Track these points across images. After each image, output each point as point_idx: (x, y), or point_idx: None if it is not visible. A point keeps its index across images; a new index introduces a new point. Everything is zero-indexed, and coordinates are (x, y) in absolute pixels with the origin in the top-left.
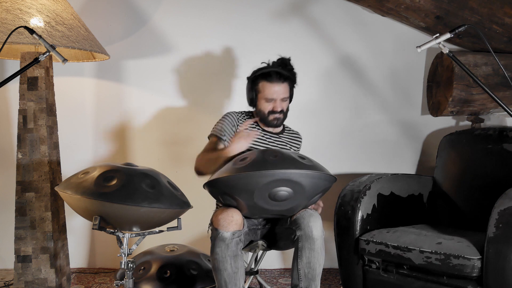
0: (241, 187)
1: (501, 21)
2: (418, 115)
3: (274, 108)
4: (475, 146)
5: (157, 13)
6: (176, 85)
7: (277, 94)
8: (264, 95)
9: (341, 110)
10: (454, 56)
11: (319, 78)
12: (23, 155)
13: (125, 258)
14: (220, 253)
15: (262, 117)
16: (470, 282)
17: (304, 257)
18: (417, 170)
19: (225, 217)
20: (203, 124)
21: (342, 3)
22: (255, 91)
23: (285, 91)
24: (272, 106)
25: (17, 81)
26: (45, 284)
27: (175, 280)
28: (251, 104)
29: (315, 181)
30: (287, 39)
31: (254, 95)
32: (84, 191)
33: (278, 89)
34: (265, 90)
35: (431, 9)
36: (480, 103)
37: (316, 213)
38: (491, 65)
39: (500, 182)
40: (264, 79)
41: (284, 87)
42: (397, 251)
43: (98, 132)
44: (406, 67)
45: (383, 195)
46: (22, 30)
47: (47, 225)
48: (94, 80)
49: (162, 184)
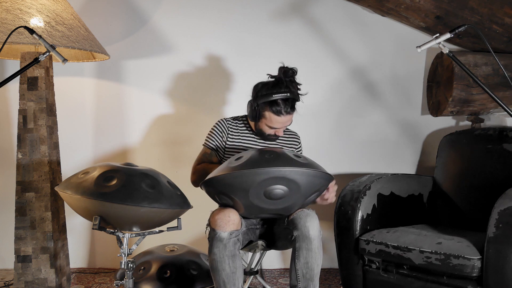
0: (236, 185)
1: (501, 21)
2: (418, 115)
3: (276, 133)
4: (475, 146)
5: (157, 13)
6: (176, 85)
7: (283, 124)
8: (268, 123)
9: (341, 110)
10: (454, 56)
11: (319, 79)
12: (23, 155)
13: (125, 258)
14: (218, 253)
15: (260, 133)
16: (470, 282)
17: (302, 257)
18: (417, 170)
19: (222, 217)
20: (203, 124)
21: (342, 3)
22: (259, 115)
23: (290, 119)
24: (274, 132)
25: (17, 81)
26: (45, 284)
27: (175, 280)
28: (252, 120)
29: (310, 179)
30: (287, 40)
31: (257, 116)
32: (84, 191)
33: (285, 119)
34: (272, 120)
35: (431, 9)
36: (480, 103)
37: (313, 213)
38: (491, 65)
39: (500, 182)
40: (270, 110)
41: (290, 116)
42: (397, 251)
43: (98, 132)
44: (406, 67)
45: (383, 195)
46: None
47: (47, 225)
48: (94, 80)
49: (162, 184)
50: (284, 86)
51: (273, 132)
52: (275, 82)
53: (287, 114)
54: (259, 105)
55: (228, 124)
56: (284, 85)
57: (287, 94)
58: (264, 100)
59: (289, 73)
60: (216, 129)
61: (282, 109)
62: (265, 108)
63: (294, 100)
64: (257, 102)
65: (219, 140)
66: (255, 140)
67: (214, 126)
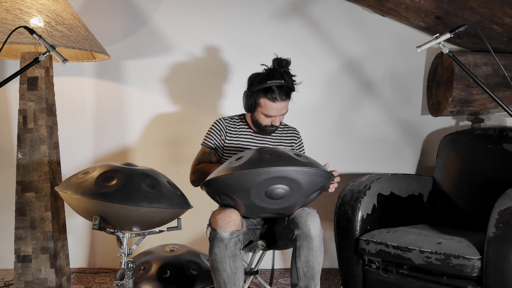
0: (238, 186)
1: (501, 21)
2: (418, 115)
3: (272, 123)
4: (475, 146)
5: (157, 13)
6: (176, 85)
7: (278, 111)
8: (264, 111)
9: (341, 110)
10: (454, 56)
11: (319, 78)
12: (23, 155)
13: (125, 258)
14: (218, 253)
15: (257, 126)
16: (470, 282)
17: (303, 256)
18: (417, 170)
19: (223, 217)
20: (203, 124)
21: (342, 3)
22: (255, 104)
23: (285, 106)
24: (270, 121)
25: (17, 81)
26: (45, 284)
27: (175, 280)
28: (248, 111)
29: (311, 178)
30: (287, 39)
31: (252, 106)
32: (84, 191)
33: (280, 106)
34: (267, 107)
35: (431, 9)
36: (480, 103)
37: (314, 212)
38: (491, 65)
39: (500, 182)
40: (265, 97)
41: (286, 103)
42: (397, 251)
43: (98, 132)
44: (406, 67)
45: (383, 195)
46: (22, 30)
47: (47, 225)
48: (94, 80)
49: (162, 184)
50: (278, 74)
51: (269, 122)
52: (269, 71)
53: (282, 101)
54: (254, 93)
55: (226, 122)
56: (278, 73)
57: (281, 81)
58: (259, 87)
59: (283, 63)
60: (214, 128)
61: (277, 95)
62: (260, 95)
63: (289, 88)
64: (252, 90)
65: (218, 139)
66: (253, 138)
67: (212, 125)
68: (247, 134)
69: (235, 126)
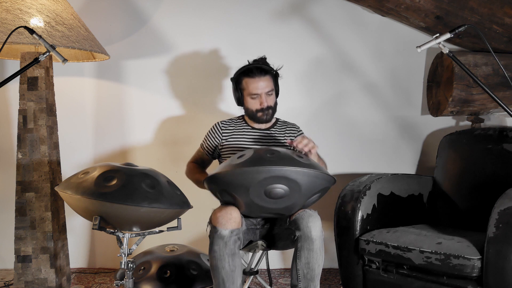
0: (237, 183)
1: (501, 21)
2: (418, 115)
3: (261, 104)
4: (475, 146)
5: (157, 13)
6: (176, 85)
7: (261, 88)
8: (248, 91)
9: (340, 110)
10: (454, 56)
11: (319, 78)
12: (23, 155)
13: (125, 258)
14: (218, 251)
15: (251, 116)
16: (470, 282)
17: (303, 258)
18: (417, 170)
19: (223, 214)
20: (203, 124)
21: (342, 3)
22: (240, 90)
23: (268, 84)
24: (259, 103)
25: (17, 81)
26: (45, 284)
27: (175, 280)
28: (239, 103)
29: (311, 180)
30: (287, 39)
31: (239, 94)
32: (84, 191)
33: (262, 83)
34: (249, 86)
35: (431, 9)
36: (480, 103)
37: (315, 214)
38: (491, 65)
39: (500, 182)
40: (246, 76)
41: (267, 80)
42: (397, 251)
43: (98, 132)
44: (406, 67)
45: (383, 195)
46: (22, 30)
47: (47, 225)
48: (94, 80)
49: (162, 184)
50: (255, 61)
51: (259, 106)
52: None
53: (261, 76)
54: (237, 82)
55: (222, 125)
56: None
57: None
58: (239, 71)
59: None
60: (209, 133)
61: (255, 72)
62: (241, 79)
63: (267, 66)
64: (234, 80)
65: (210, 143)
66: (252, 135)
67: (209, 130)
68: (246, 132)
69: (234, 126)
